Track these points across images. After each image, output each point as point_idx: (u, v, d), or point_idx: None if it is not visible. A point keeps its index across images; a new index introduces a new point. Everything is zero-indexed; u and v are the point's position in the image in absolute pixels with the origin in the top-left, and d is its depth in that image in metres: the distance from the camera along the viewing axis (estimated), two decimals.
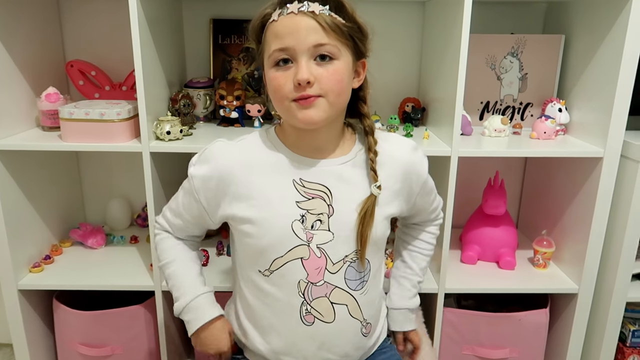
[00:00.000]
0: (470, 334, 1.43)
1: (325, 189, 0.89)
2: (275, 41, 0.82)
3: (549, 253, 1.45)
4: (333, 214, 0.89)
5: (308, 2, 0.81)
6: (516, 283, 1.41)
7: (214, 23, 1.56)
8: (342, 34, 0.82)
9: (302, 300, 0.90)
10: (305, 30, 0.80)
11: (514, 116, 1.53)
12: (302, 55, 0.81)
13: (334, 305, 0.91)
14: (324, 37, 0.80)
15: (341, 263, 0.90)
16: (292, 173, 0.89)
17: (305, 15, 0.80)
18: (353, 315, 0.93)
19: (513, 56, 1.49)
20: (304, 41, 0.80)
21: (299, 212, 0.88)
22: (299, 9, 0.80)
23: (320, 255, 0.89)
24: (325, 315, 0.91)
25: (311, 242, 0.88)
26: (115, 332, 1.40)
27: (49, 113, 1.37)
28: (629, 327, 1.49)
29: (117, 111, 1.27)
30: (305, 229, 0.88)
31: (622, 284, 1.35)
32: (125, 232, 1.66)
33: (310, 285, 0.90)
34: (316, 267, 0.89)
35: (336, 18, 0.81)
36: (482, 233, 1.50)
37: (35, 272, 1.40)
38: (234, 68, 1.59)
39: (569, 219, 1.43)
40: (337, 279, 0.91)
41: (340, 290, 0.91)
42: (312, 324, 0.91)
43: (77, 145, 1.28)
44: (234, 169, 0.89)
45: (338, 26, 0.81)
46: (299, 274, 0.89)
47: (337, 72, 0.82)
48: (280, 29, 0.81)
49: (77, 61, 1.49)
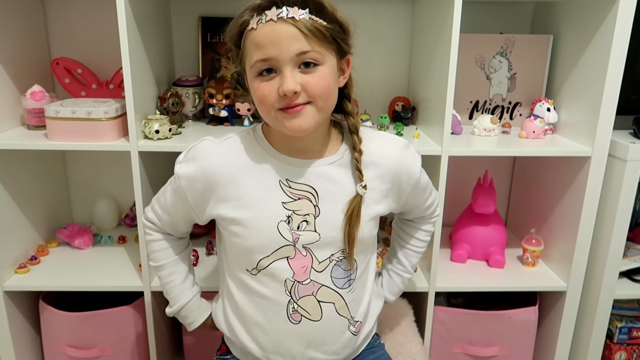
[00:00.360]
0: (461, 332, 1.44)
1: (312, 190, 0.89)
2: (256, 51, 0.79)
3: (537, 251, 1.46)
4: (319, 215, 0.89)
5: (287, 8, 0.78)
6: (506, 281, 1.42)
7: (202, 21, 1.55)
8: (325, 37, 0.80)
9: (289, 299, 0.90)
10: (286, 39, 0.77)
11: (503, 115, 1.54)
12: (285, 65, 0.79)
13: (320, 303, 0.91)
14: (306, 45, 0.78)
15: (327, 262, 0.90)
16: (278, 174, 0.89)
17: (285, 22, 0.77)
18: (340, 313, 0.93)
19: (502, 56, 1.50)
20: (287, 51, 0.78)
21: (285, 212, 0.88)
22: (278, 15, 0.77)
23: (305, 254, 0.89)
24: (312, 313, 0.91)
25: (297, 242, 0.88)
26: (103, 333, 1.39)
27: (34, 111, 1.35)
28: (616, 324, 1.51)
29: (104, 110, 1.25)
30: (292, 230, 0.88)
31: (609, 282, 1.37)
32: (112, 232, 1.64)
33: (297, 284, 0.90)
34: (302, 266, 0.89)
35: (317, 21, 0.79)
36: (471, 232, 1.51)
37: (21, 273, 1.37)
38: (223, 66, 1.58)
39: (558, 217, 1.44)
40: (323, 278, 0.90)
41: (326, 289, 0.91)
42: (299, 322, 0.91)
43: (64, 145, 1.26)
44: (220, 169, 0.88)
45: (320, 30, 0.79)
46: (285, 272, 0.89)
47: (323, 77, 0.81)
48: (261, 38, 0.78)
49: (63, 59, 1.47)
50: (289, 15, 0.77)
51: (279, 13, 0.77)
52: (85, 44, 1.53)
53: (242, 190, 0.88)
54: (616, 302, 1.43)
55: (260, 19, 0.78)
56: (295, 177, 0.89)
